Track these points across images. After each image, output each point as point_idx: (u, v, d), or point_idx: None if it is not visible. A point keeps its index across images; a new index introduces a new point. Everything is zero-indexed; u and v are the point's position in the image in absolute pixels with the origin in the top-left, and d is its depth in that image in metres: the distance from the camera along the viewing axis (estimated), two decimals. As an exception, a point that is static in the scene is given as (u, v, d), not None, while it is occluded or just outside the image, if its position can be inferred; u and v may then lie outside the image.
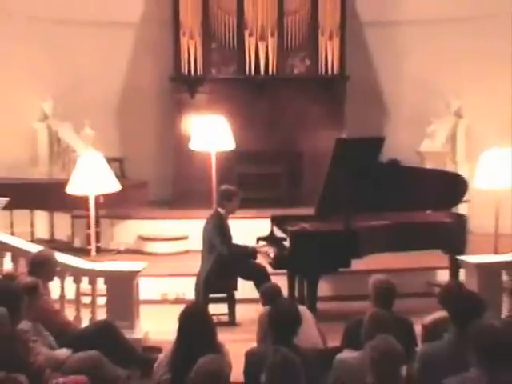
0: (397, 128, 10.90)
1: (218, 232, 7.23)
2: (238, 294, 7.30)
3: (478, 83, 10.45)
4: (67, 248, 8.49)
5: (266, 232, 7.63)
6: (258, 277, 6.99)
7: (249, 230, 7.86)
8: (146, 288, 7.11)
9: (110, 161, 8.05)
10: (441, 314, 5.08)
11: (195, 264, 7.51)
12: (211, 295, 7.19)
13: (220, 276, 7.19)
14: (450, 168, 9.84)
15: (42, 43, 10.43)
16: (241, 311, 7.25)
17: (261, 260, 7.37)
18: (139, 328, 6.64)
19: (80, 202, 7.85)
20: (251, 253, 7.36)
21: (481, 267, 6.76)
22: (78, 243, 9.59)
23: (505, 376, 3.84)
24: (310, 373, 4.10)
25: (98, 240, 8.47)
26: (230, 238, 7.37)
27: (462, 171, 9.09)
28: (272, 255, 7.20)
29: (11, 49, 10.20)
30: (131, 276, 6.64)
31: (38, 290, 5.53)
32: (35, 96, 10.39)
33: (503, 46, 10.26)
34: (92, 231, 7.66)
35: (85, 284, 6.70)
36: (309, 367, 4.15)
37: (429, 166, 9.78)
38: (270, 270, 7.21)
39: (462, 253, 7.28)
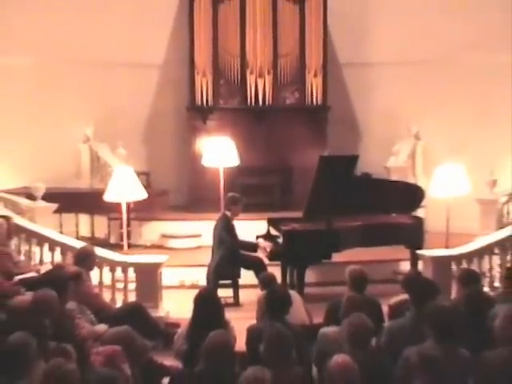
0: (368, 147, 10.87)
1: (225, 231, 7.24)
2: (241, 281, 7.30)
3: (432, 112, 10.47)
4: (104, 244, 8.46)
5: (263, 231, 7.63)
6: (257, 267, 6.99)
7: (249, 229, 7.82)
8: (168, 276, 7.10)
9: (138, 174, 8.04)
10: (403, 296, 5.09)
11: (207, 257, 7.50)
12: (220, 282, 7.19)
13: (227, 266, 7.19)
14: (410, 180, 9.80)
15: (86, 81, 10.41)
16: (243, 294, 7.23)
17: (259, 253, 7.38)
18: (162, 308, 6.65)
19: (115, 207, 7.86)
20: (253, 247, 7.38)
21: (435, 259, 6.80)
22: (113, 240, 9.53)
23: (453, 346, 3.88)
24: (299, 344, 4.12)
25: (129, 237, 8.46)
26: (235, 235, 7.37)
27: (421, 183, 9.09)
28: (268, 250, 7.20)
29: (61, 86, 10.22)
30: (156, 266, 6.66)
31: (81, 278, 5.56)
32: (80, 123, 10.37)
33: (453, 83, 10.28)
34: (124, 230, 7.67)
35: (118, 273, 6.72)
36: (298, 339, 4.17)
37: (394, 178, 9.77)
38: (266, 261, 7.22)
39: (420, 248, 7.30)
